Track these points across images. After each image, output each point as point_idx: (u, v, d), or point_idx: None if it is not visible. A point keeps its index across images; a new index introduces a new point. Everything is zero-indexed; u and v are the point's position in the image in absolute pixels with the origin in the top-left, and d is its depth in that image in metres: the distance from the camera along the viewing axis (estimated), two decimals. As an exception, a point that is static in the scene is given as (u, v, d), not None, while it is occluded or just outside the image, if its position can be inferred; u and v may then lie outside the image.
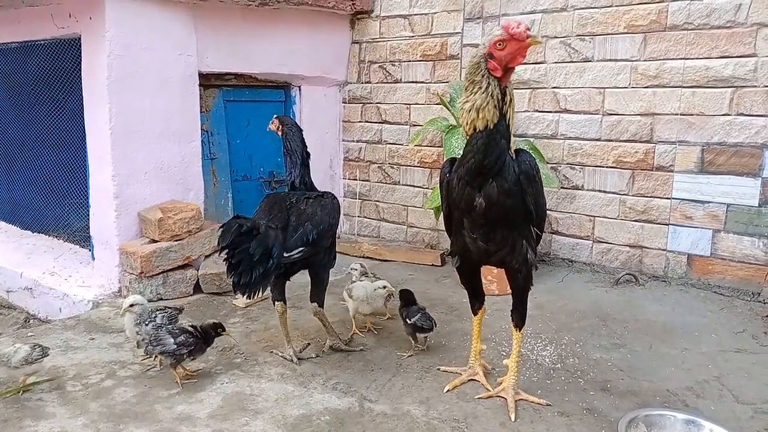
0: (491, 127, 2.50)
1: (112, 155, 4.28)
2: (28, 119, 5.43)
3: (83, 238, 4.95)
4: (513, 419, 2.72)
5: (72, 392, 2.98)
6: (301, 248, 3.01)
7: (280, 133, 3.51)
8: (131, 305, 3.18)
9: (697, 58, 4.29)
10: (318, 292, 3.34)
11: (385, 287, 3.61)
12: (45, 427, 2.66)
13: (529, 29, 2.41)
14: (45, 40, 4.96)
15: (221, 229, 2.83)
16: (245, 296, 2.87)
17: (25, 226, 5.66)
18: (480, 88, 2.50)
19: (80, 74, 4.48)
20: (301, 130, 3.53)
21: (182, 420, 2.71)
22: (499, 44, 2.43)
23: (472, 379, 3.07)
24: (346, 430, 2.64)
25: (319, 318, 3.41)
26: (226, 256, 2.81)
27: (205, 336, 3.07)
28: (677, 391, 3.00)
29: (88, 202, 4.62)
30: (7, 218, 5.90)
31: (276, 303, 3.29)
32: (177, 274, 4.32)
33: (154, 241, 4.30)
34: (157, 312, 3.21)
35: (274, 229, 2.95)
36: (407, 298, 3.46)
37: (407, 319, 3.34)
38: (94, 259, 4.65)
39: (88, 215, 4.65)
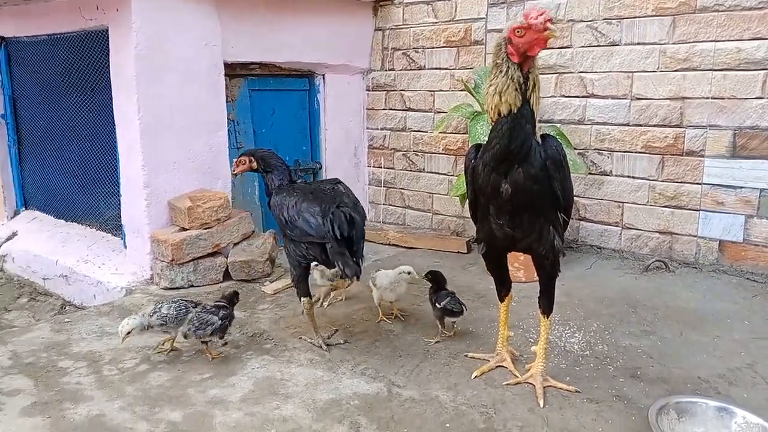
0: (515, 112, 2.48)
1: (141, 145, 4.35)
2: (59, 111, 5.53)
3: (115, 227, 5.04)
4: (541, 405, 2.73)
5: (108, 376, 3.06)
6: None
7: (255, 165, 3.46)
8: (128, 333, 3.11)
9: (728, 41, 4.20)
10: None
11: (409, 273, 3.62)
12: (84, 409, 2.74)
13: (549, 21, 2.36)
14: (73, 33, 5.04)
15: (332, 221, 2.93)
16: (358, 279, 2.98)
17: (59, 215, 5.78)
18: (501, 71, 2.49)
19: (108, 66, 4.54)
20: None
21: (215, 403, 2.78)
22: (518, 31, 2.41)
23: (499, 366, 3.08)
24: (375, 414, 2.67)
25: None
26: (343, 246, 2.93)
27: (232, 304, 3.30)
28: (709, 379, 2.97)
29: (119, 192, 4.71)
30: (41, 208, 6.03)
31: (303, 299, 3.30)
32: (207, 262, 4.40)
33: (184, 230, 4.37)
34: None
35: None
36: (437, 282, 3.47)
37: (436, 304, 3.35)
38: (126, 247, 4.74)
39: (120, 204, 4.74)
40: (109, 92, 4.57)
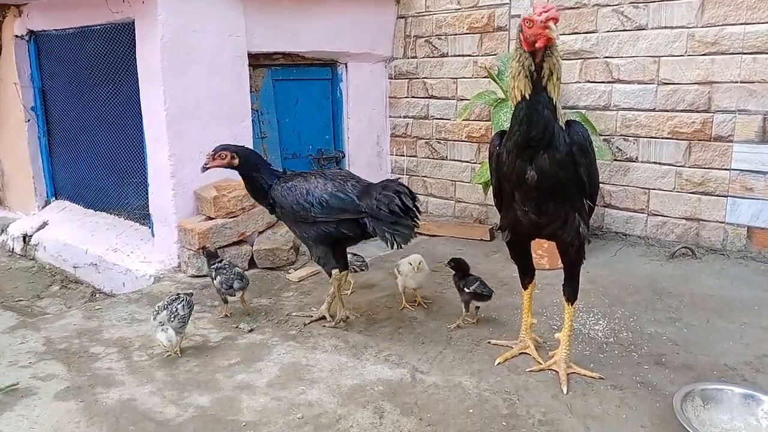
0: (527, 97, 2.49)
1: (167, 136, 4.42)
2: (87, 102, 5.63)
3: (143, 216, 5.14)
4: (565, 392, 2.73)
5: (138, 362, 3.14)
6: None
7: (235, 162, 3.46)
8: (161, 323, 3.14)
9: (758, 23, 4.10)
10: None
11: (420, 263, 3.64)
12: (116, 393, 2.82)
13: (553, 19, 2.36)
14: (101, 25, 5.12)
15: (401, 193, 3.15)
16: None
17: (88, 205, 5.90)
18: (516, 57, 2.52)
19: (135, 58, 4.61)
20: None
21: (242, 388, 2.83)
22: (527, 23, 2.42)
23: (523, 353, 3.08)
24: (399, 400, 2.71)
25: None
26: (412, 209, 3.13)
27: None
28: (735, 366, 2.94)
29: (146, 182, 4.79)
30: (71, 197, 6.16)
31: (333, 271, 3.41)
32: (232, 250, 4.46)
33: (210, 219, 4.44)
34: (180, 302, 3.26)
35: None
36: (461, 268, 3.48)
37: (465, 288, 3.37)
38: (153, 236, 4.83)
39: (147, 194, 4.82)
40: (135, 84, 4.65)
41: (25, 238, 5.85)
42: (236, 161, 3.44)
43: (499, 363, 3.01)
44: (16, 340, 3.45)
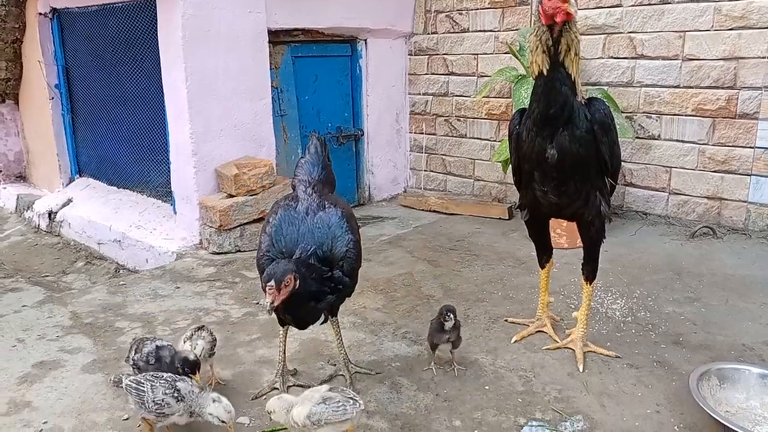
0: (545, 73, 2.47)
1: (189, 113, 4.46)
2: (110, 80, 5.69)
3: (165, 194, 5.21)
4: (581, 370, 2.75)
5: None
6: None
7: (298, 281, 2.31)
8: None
9: (788, -4, 4.00)
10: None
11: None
12: (140, 367, 2.90)
13: None
14: (123, 3, 5.14)
15: None
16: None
17: (111, 183, 5.99)
18: (534, 31, 2.49)
19: (156, 35, 4.63)
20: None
21: (263, 363, 2.90)
22: None
23: (539, 331, 3.10)
24: (415, 376, 2.75)
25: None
26: None
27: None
28: (753, 346, 2.94)
29: (168, 159, 4.85)
30: (94, 175, 6.26)
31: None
32: (253, 227, 4.52)
33: (231, 196, 4.49)
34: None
35: None
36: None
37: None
38: (175, 213, 4.91)
39: (169, 171, 4.88)
40: (157, 61, 4.68)
41: (51, 214, 5.97)
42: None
43: (515, 341, 3.03)
44: (43, 314, 3.55)
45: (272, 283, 2.18)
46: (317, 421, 2.09)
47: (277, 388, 2.65)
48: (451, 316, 2.68)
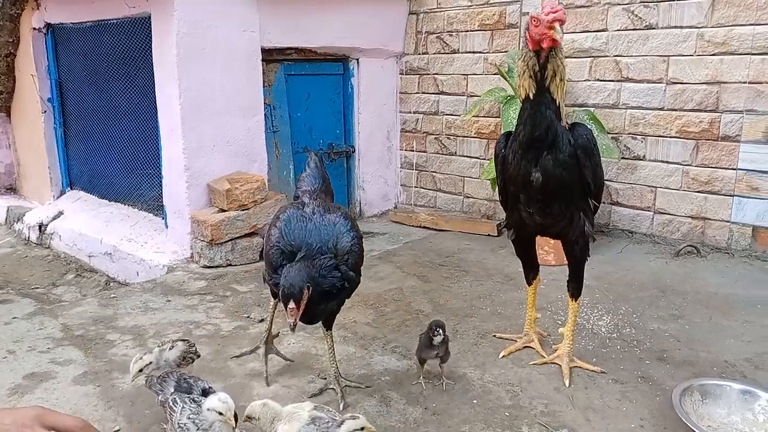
0: (531, 98, 2.54)
1: (182, 129, 4.51)
2: (103, 95, 5.74)
3: (156, 207, 5.24)
4: (567, 385, 2.80)
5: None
6: None
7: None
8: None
9: (768, 24, 4.14)
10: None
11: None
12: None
13: (558, 21, 2.37)
14: (117, 19, 5.21)
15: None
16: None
17: (102, 196, 6.01)
18: (521, 56, 2.56)
19: (151, 52, 4.70)
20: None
21: (253, 376, 2.92)
22: (534, 21, 2.45)
23: (527, 346, 3.15)
24: (404, 390, 2.79)
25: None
26: None
27: None
28: (735, 363, 3.00)
29: (160, 173, 4.89)
30: (85, 188, 6.28)
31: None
32: (244, 242, 4.55)
33: (223, 211, 4.53)
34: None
35: None
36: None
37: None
38: (167, 227, 4.93)
39: (161, 185, 4.92)
40: (151, 77, 4.74)
41: (41, 227, 5.98)
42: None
43: (503, 356, 3.08)
44: (34, 326, 3.56)
45: (292, 304, 2.24)
46: None
47: (258, 350, 2.98)
48: (440, 331, 2.72)
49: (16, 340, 3.34)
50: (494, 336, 3.31)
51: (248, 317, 3.62)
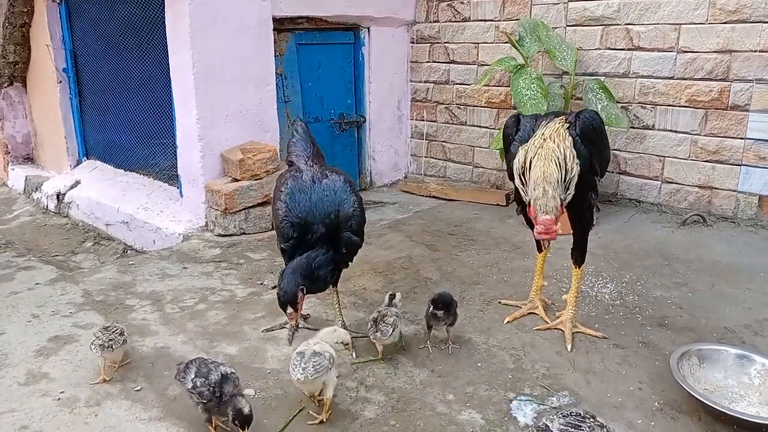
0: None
1: (195, 99, 4.57)
2: (117, 64, 5.80)
3: (171, 177, 5.34)
4: (569, 349, 2.90)
5: (171, 314, 3.37)
6: None
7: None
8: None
9: (781, -9, 4.10)
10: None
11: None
12: (151, 342, 3.05)
13: (545, 237, 2.59)
14: (130, -11, 5.24)
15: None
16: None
17: (118, 165, 6.12)
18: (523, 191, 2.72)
19: (164, 21, 4.74)
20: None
21: (267, 340, 3.05)
22: (533, 215, 2.62)
23: (531, 313, 3.25)
24: (411, 353, 2.90)
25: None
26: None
27: None
28: (735, 329, 3.08)
29: (175, 143, 4.97)
30: (101, 158, 6.39)
31: None
32: (257, 211, 4.65)
33: (236, 180, 4.62)
34: None
35: None
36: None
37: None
38: (182, 196, 5.04)
39: (176, 155, 5.01)
40: (164, 47, 4.78)
41: (59, 196, 6.11)
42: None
43: (507, 322, 3.18)
44: (56, 291, 3.70)
45: (290, 309, 2.52)
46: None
47: (286, 327, 3.07)
48: (439, 314, 2.79)
49: (40, 305, 3.49)
50: (500, 302, 3.41)
51: (262, 284, 3.74)
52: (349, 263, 3.01)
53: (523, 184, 2.70)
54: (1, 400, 2.57)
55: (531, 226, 3.16)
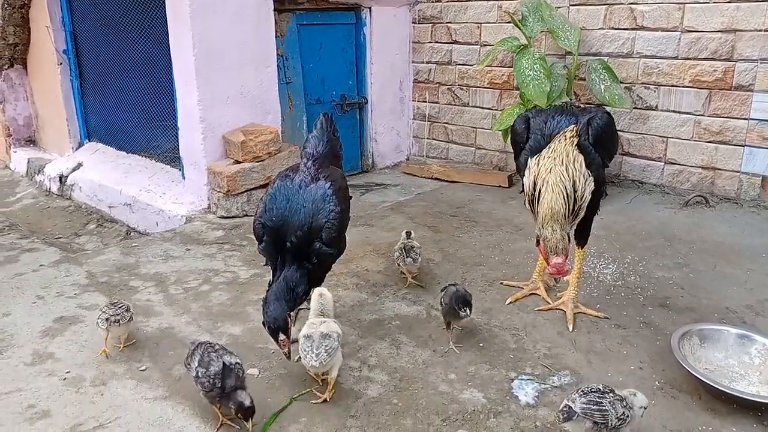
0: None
1: (196, 81, 4.55)
2: (118, 46, 5.76)
3: (173, 159, 5.34)
4: (570, 329, 2.92)
5: (175, 295, 3.39)
6: None
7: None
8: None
9: (788, -31, 4.05)
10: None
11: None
12: (155, 322, 3.08)
13: (555, 272, 2.58)
14: (129, -30, 5.20)
15: None
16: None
17: (120, 147, 6.11)
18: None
19: (164, 1, 4.70)
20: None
21: (270, 320, 3.07)
22: (545, 255, 2.64)
23: (533, 293, 3.26)
24: (414, 333, 2.92)
25: None
26: None
27: None
28: (736, 309, 3.09)
29: (176, 125, 4.96)
30: (103, 140, 6.38)
31: None
32: (259, 193, 4.65)
33: (238, 162, 4.62)
34: None
35: None
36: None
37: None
38: (184, 178, 5.04)
39: (177, 137, 5.00)
40: (165, 28, 4.75)
41: (61, 178, 6.12)
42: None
43: (509, 302, 3.19)
44: (60, 273, 3.72)
45: (282, 336, 2.52)
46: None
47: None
48: (467, 311, 2.72)
49: (45, 286, 3.52)
50: (501, 284, 3.42)
51: (265, 265, 3.74)
52: (323, 276, 2.89)
53: (532, 211, 2.73)
54: (8, 380, 2.60)
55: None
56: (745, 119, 4.37)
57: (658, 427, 2.26)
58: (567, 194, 2.63)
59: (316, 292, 2.62)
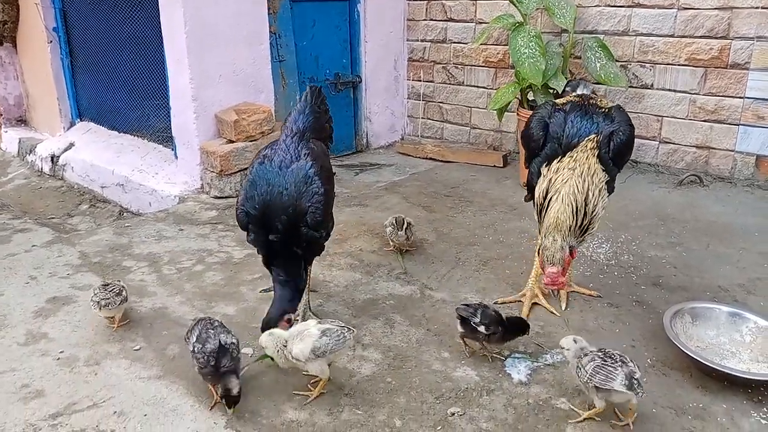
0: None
1: (188, 59, 4.50)
2: (108, 24, 5.67)
3: (165, 138, 5.29)
4: (564, 308, 2.93)
5: (168, 275, 3.39)
6: None
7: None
8: None
9: (786, -55, 4.01)
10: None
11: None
12: (149, 302, 3.07)
13: (550, 283, 2.54)
14: (119, -55, 5.10)
15: None
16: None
17: (112, 127, 6.05)
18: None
19: (154, -21, 4.64)
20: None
21: (265, 300, 3.04)
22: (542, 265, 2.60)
23: (535, 304, 3.10)
24: (408, 313, 2.93)
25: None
26: None
27: None
28: (728, 288, 3.11)
29: (168, 104, 4.92)
30: (95, 119, 6.32)
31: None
32: (252, 173, 4.63)
33: (231, 142, 4.59)
34: None
35: None
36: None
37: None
38: (177, 158, 5.01)
39: (169, 117, 4.96)
40: (156, 5, 4.68)
41: (53, 158, 6.07)
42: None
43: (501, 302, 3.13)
44: (53, 253, 3.71)
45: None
46: (323, 353, 2.25)
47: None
48: (491, 327, 2.49)
49: (37, 267, 3.50)
50: (496, 303, 3.02)
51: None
52: (312, 260, 2.85)
53: (539, 221, 2.70)
54: (1, 360, 2.60)
55: (530, 189, 3.16)
56: (740, 98, 4.36)
57: (650, 403, 2.28)
58: (576, 207, 2.59)
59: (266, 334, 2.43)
